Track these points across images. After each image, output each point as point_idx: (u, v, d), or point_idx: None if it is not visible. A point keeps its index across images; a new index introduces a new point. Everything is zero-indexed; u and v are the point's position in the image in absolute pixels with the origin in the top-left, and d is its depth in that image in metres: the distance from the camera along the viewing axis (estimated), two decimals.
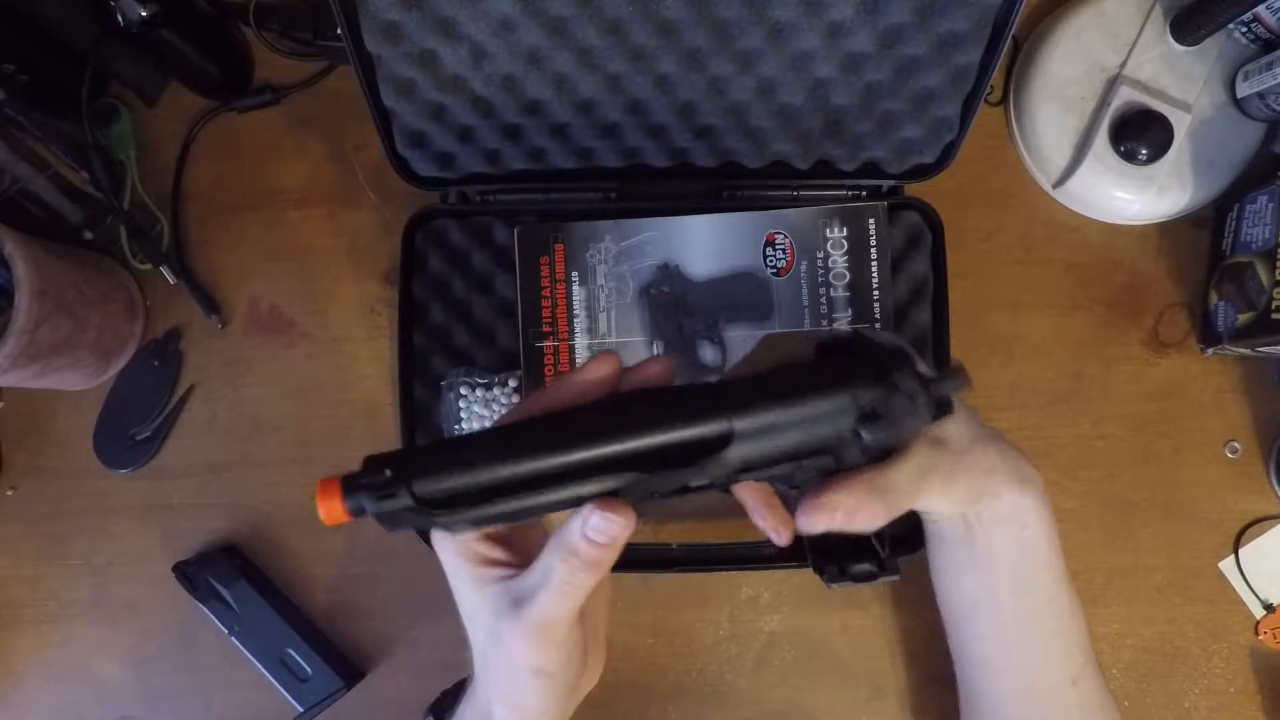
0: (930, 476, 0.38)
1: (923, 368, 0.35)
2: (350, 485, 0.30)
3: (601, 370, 0.33)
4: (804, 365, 0.35)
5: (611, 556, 0.31)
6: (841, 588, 0.58)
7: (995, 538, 0.44)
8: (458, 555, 0.34)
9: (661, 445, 0.31)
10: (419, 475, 0.30)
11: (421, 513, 0.30)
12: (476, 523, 0.31)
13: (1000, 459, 0.42)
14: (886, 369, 0.33)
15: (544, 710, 0.35)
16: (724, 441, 0.31)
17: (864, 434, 0.33)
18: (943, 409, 0.35)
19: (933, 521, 0.45)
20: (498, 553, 0.34)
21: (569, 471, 0.30)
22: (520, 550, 0.35)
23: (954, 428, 0.40)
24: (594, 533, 0.31)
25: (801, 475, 0.35)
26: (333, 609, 0.64)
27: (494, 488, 0.30)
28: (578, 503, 0.31)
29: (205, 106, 0.66)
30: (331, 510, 0.30)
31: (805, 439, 0.33)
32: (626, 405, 0.32)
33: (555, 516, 0.33)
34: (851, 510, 0.36)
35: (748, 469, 0.32)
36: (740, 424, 0.31)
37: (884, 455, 0.37)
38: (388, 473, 0.30)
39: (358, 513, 0.30)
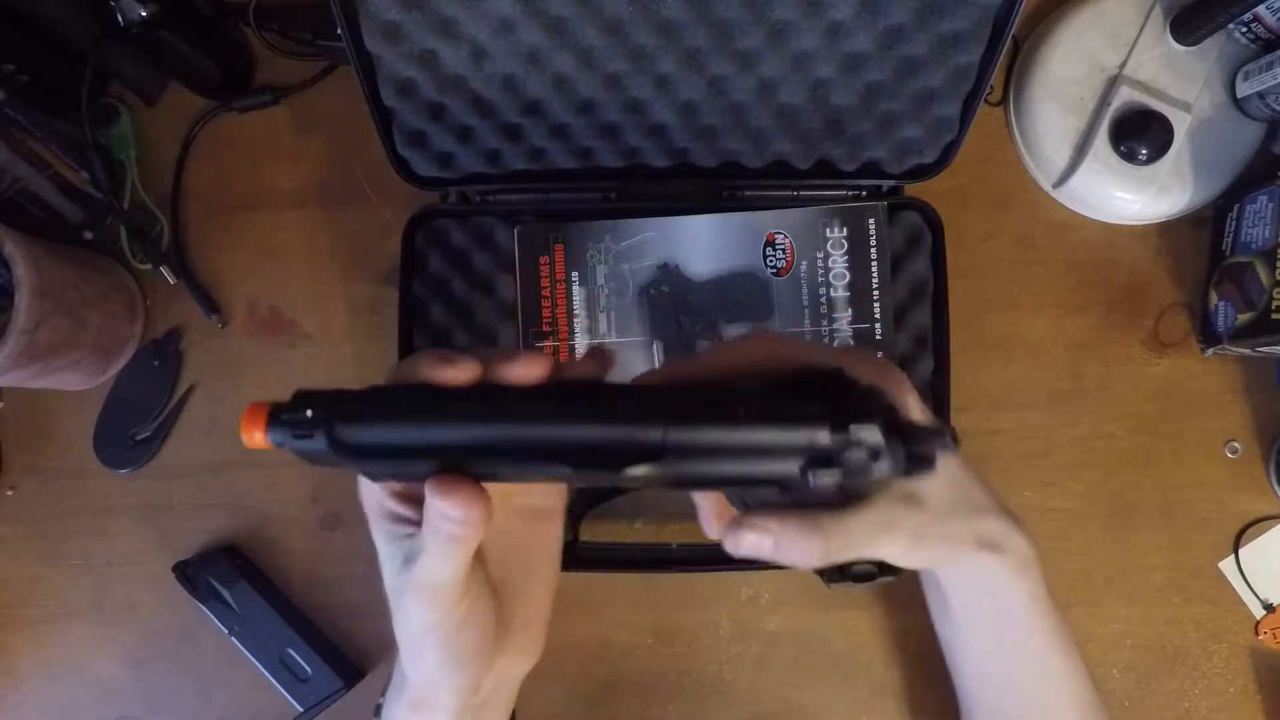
0: (891, 532, 0.36)
1: (917, 413, 0.33)
2: (274, 417, 0.30)
3: (536, 369, 0.31)
4: (763, 391, 0.32)
5: (472, 533, 0.30)
6: (841, 588, 0.58)
7: (967, 599, 0.43)
8: (371, 509, 0.34)
9: (591, 442, 0.29)
10: (342, 420, 0.30)
11: (337, 457, 0.30)
12: (393, 476, 0.32)
13: (969, 523, 0.39)
14: (849, 417, 0.30)
15: (441, 669, 0.35)
16: (654, 452, 0.29)
17: (811, 478, 0.30)
18: (919, 464, 0.32)
19: (923, 572, 0.45)
20: (408, 510, 0.33)
21: (494, 448, 0.29)
22: None
23: (936, 488, 0.37)
24: (439, 517, 0.30)
25: (751, 498, 0.34)
26: (333, 609, 0.64)
27: (415, 449, 0.30)
28: (491, 478, 0.30)
29: (205, 106, 0.66)
30: (253, 437, 0.30)
31: (746, 470, 0.30)
32: (567, 394, 0.31)
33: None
34: (782, 543, 0.33)
35: (680, 483, 0.31)
36: (675, 436, 0.29)
37: (843, 499, 0.34)
38: (309, 413, 0.30)
39: (278, 444, 0.30)
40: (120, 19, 0.57)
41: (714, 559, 0.61)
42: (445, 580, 0.32)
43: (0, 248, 0.55)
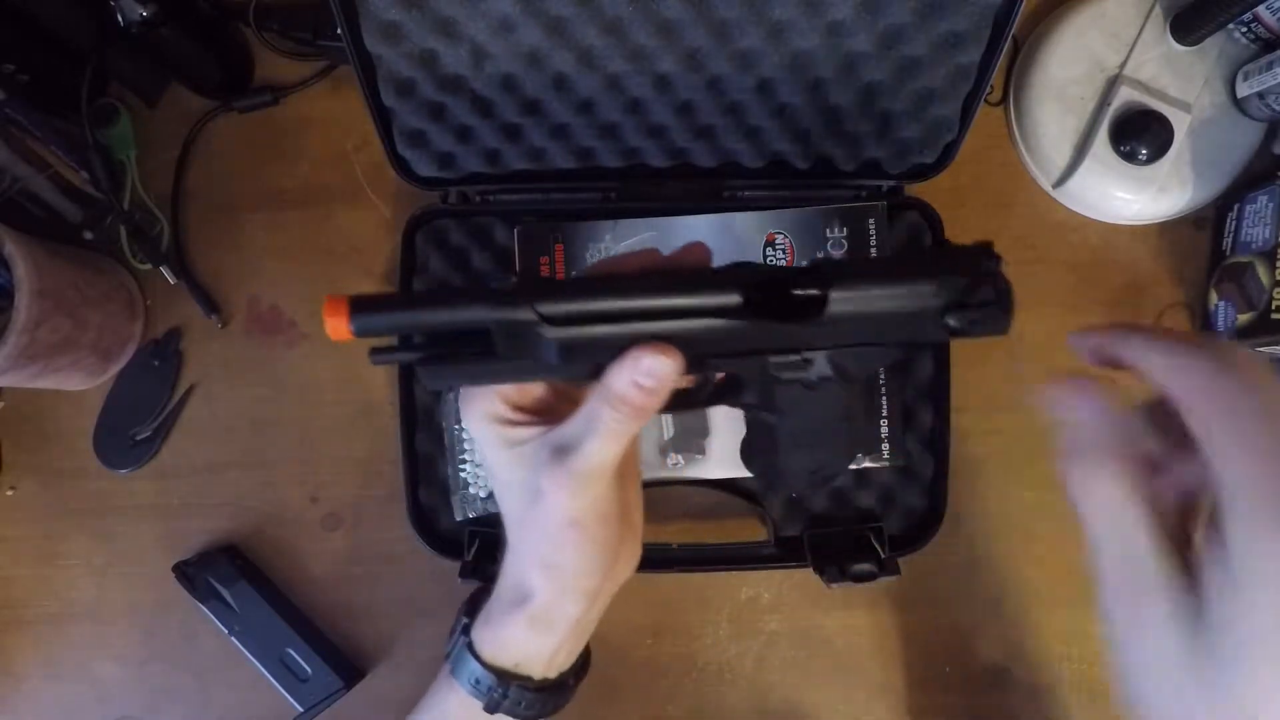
0: None
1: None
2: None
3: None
4: (894, 256, 0.38)
5: (657, 403, 0.32)
6: (841, 588, 0.58)
7: None
8: (485, 419, 0.35)
9: (763, 273, 0.33)
10: (546, 297, 0.32)
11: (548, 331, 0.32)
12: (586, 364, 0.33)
13: None
14: (977, 263, 0.35)
15: (580, 569, 0.35)
16: (820, 302, 0.33)
17: (950, 320, 0.34)
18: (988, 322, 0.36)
19: None
20: (523, 415, 0.35)
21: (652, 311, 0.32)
22: (543, 410, 0.36)
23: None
24: (645, 376, 0.31)
25: (777, 391, 0.36)
26: (333, 609, 0.64)
27: (618, 314, 0.32)
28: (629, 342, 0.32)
29: (205, 106, 0.66)
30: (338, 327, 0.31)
31: (894, 315, 0.34)
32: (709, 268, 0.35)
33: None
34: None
35: (834, 341, 0.34)
36: (837, 293, 0.33)
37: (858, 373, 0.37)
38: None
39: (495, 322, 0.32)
40: (120, 19, 0.57)
41: (714, 559, 0.61)
42: (607, 462, 0.33)
43: (0, 248, 0.55)
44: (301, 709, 0.60)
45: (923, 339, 0.35)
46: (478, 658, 0.38)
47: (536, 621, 0.37)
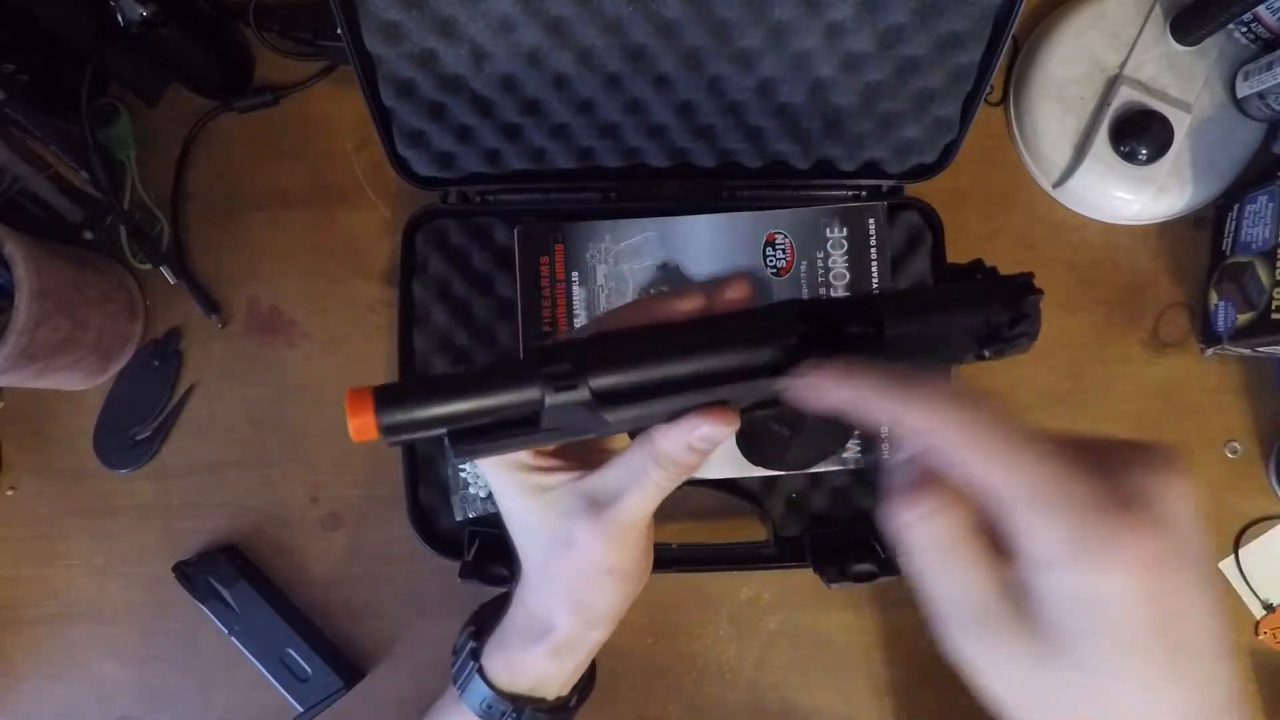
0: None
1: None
2: (542, 368, 0.30)
3: (690, 304, 0.33)
4: (944, 287, 0.36)
5: (705, 459, 0.31)
6: (841, 588, 0.58)
7: None
8: (504, 466, 0.34)
9: (818, 320, 0.32)
10: (595, 367, 0.30)
11: (590, 406, 0.30)
12: (634, 422, 0.31)
13: None
14: (1023, 296, 0.35)
15: (609, 609, 0.35)
16: (876, 338, 0.32)
17: (986, 351, 0.35)
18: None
19: None
20: (550, 460, 0.34)
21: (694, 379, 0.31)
22: (567, 455, 0.35)
23: None
24: (700, 441, 0.30)
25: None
26: (333, 609, 0.64)
27: (665, 383, 0.30)
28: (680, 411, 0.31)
29: (205, 106, 0.66)
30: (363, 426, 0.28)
31: (933, 342, 0.33)
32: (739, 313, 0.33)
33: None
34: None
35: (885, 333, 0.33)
36: (891, 329, 0.32)
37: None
38: (566, 366, 0.29)
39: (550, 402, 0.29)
40: (120, 19, 0.57)
41: (714, 559, 0.61)
42: (646, 516, 0.32)
43: (0, 248, 0.55)
44: (301, 709, 0.60)
45: (949, 361, 0.35)
46: (490, 684, 0.38)
47: (559, 651, 0.36)
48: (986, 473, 0.23)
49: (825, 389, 0.28)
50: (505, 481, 0.34)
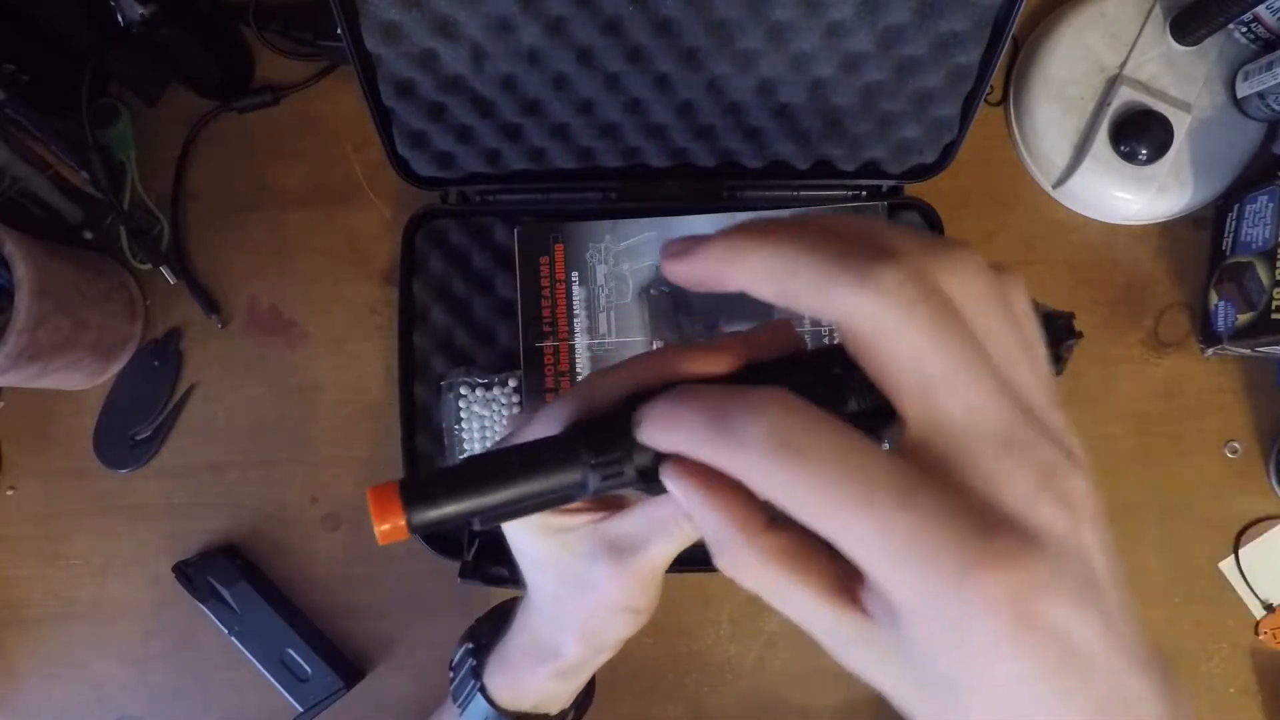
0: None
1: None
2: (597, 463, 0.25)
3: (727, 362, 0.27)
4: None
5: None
6: None
7: None
8: None
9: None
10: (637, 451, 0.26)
11: (638, 485, 0.26)
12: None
13: None
14: (1067, 334, 0.30)
15: (621, 639, 0.36)
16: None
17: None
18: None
19: None
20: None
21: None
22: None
23: None
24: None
25: None
26: (333, 609, 0.64)
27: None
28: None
29: (205, 106, 0.66)
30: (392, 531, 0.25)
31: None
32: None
33: None
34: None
35: None
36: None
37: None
38: (619, 454, 0.25)
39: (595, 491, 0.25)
40: (120, 19, 0.57)
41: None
42: (667, 564, 0.32)
43: (0, 248, 0.55)
44: (301, 709, 0.60)
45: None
46: (491, 702, 0.38)
47: (565, 674, 0.37)
48: (821, 527, 0.20)
49: (661, 432, 0.24)
50: (527, 521, 0.32)
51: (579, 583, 0.33)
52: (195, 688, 0.64)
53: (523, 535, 0.33)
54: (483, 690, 0.38)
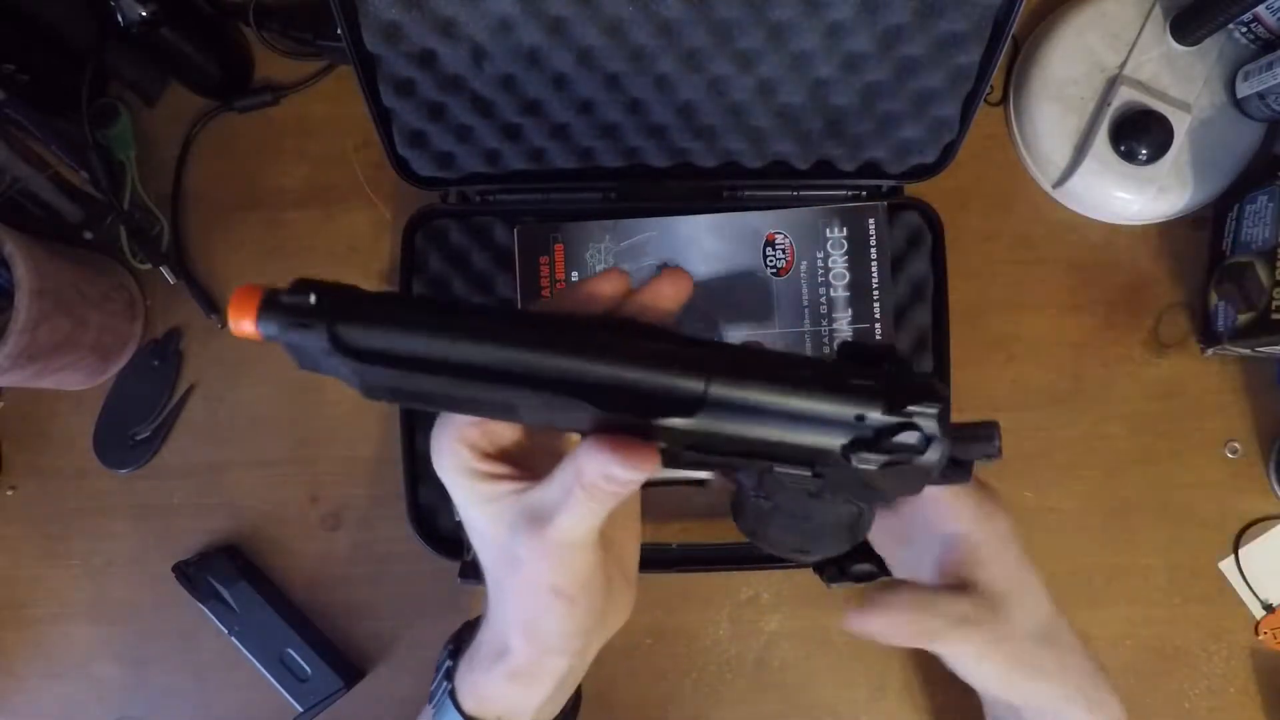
0: (971, 627, 0.39)
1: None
2: (269, 302, 0.26)
3: (608, 286, 0.31)
4: (816, 359, 0.31)
5: (632, 490, 0.29)
6: (841, 588, 0.58)
7: None
8: (455, 470, 0.31)
9: (623, 383, 0.27)
10: (345, 318, 0.26)
11: (334, 357, 0.26)
12: (390, 391, 0.27)
13: (1071, 668, 0.42)
14: (908, 397, 0.28)
15: (562, 635, 0.33)
16: (693, 405, 0.27)
17: (853, 459, 0.28)
18: (955, 473, 0.32)
19: (988, 700, 0.45)
20: (499, 467, 0.32)
21: (513, 374, 0.27)
22: (522, 461, 0.32)
23: (1020, 606, 0.40)
24: (609, 482, 0.28)
25: (771, 483, 0.31)
26: (333, 609, 0.64)
27: (424, 361, 0.26)
28: (508, 412, 0.28)
29: (205, 106, 0.66)
30: (241, 324, 0.26)
31: (783, 437, 0.28)
32: (601, 328, 0.28)
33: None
34: (887, 632, 0.38)
35: (706, 447, 0.28)
36: (717, 390, 0.27)
37: (862, 498, 0.33)
38: (311, 299, 0.26)
39: (268, 336, 0.26)
40: (120, 19, 0.57)
41: (714, 559, 0.61)
42: (584, 538, 0.30)
43: (0, 248, 0.55)
44: (301, 709, 0.60)
45: (829, 478, 0.30)
46: (459, 708, 0.36)
47: (517, 677, 0.34)
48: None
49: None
50: (456, 488, 0.32)
51: (510, 559, 0.32)
52: (195, 688, 0.64)
53: (465, 508, 0.33)
54: (452, 695, 0.36)
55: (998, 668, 0.40)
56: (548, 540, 0.30)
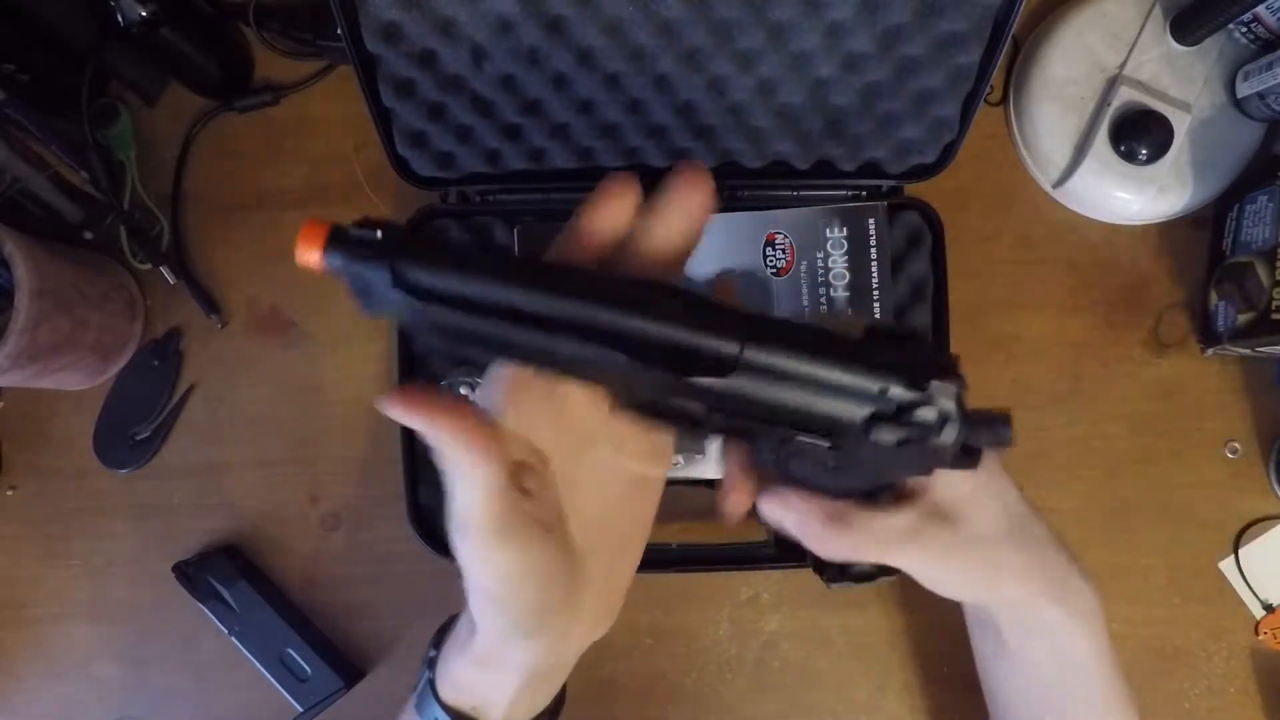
0: (914, 543, 0.37)
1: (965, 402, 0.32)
2: (337, 235, 0.27)
3: (612, 215, 0.33)
4: (845, 335, 0.32)
5: (480, 464, 0.28)
6: (841, 588, 0.58)
7: (1030, 647, 0.42)
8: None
9: (663, 339, 0.29)
10: (410, 257, 0.27)
11: (394, 290, 0.27)
12: (441, 331, 0.28)
13: (1037, 564, 0.41)
14: (930, 374, 0.30)
15: (502, 632, 0.33)
16: (728, 365, 0.29)
17: (872, 431, 0.30)
18: (965, 459, 0.32)
19: (967, 607, 0.45)
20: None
21: (558, 320, 0.28)
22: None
23: (978, 511, 0.39)
24: (444, 445, 0.28)
25: (787, 452, 0.32)
26: (333, 609, 0.64)
27: (481, 304, 0.28)
28: (550, 359, 0.29)
29: (205, 106, 0.66)
30: (309, 255, 0.27)
31: (809, 404, 0.30)
32: (647, 286, 0.30)
33: None
34: (801, 521, 0.36)
35: (734, 410, 0.30)
36: (751, 354, 0.29)
37: (877, 477, 0.34)
38: (378, 234, 0.27)
39: (332, 268, 0.27)
40: (120, 19, 0.57)
41: (714, 559, 0.61)
42: (481, 520, 0.29)
43: (0, 248, 0.55)
44: (301, 709, 0.60)
45: (845, 449, 0.32)
46: (438, 698, 0.36)
47: (483, 662, 0.34)
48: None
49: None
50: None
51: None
52: (195, 688, 0.64)
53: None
54: (431, 684, 0.36)
55: (957, 573, 0.40)
56: (463, 539, 0.30)
